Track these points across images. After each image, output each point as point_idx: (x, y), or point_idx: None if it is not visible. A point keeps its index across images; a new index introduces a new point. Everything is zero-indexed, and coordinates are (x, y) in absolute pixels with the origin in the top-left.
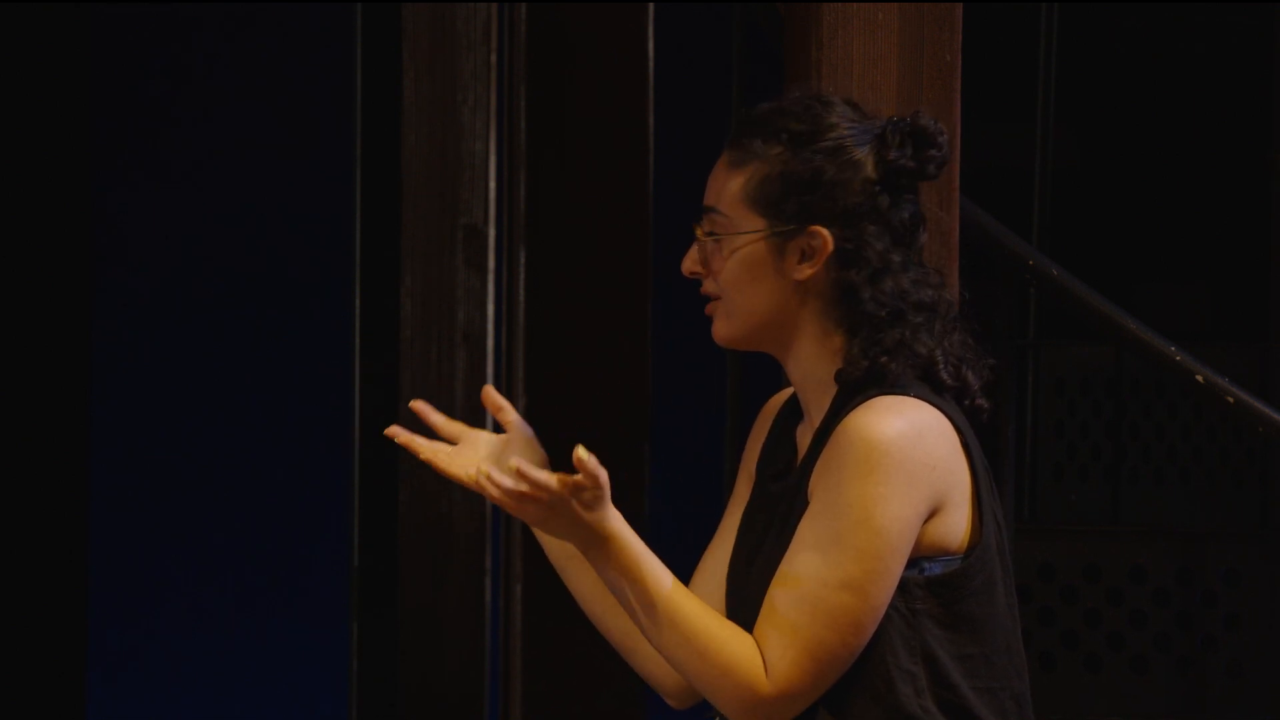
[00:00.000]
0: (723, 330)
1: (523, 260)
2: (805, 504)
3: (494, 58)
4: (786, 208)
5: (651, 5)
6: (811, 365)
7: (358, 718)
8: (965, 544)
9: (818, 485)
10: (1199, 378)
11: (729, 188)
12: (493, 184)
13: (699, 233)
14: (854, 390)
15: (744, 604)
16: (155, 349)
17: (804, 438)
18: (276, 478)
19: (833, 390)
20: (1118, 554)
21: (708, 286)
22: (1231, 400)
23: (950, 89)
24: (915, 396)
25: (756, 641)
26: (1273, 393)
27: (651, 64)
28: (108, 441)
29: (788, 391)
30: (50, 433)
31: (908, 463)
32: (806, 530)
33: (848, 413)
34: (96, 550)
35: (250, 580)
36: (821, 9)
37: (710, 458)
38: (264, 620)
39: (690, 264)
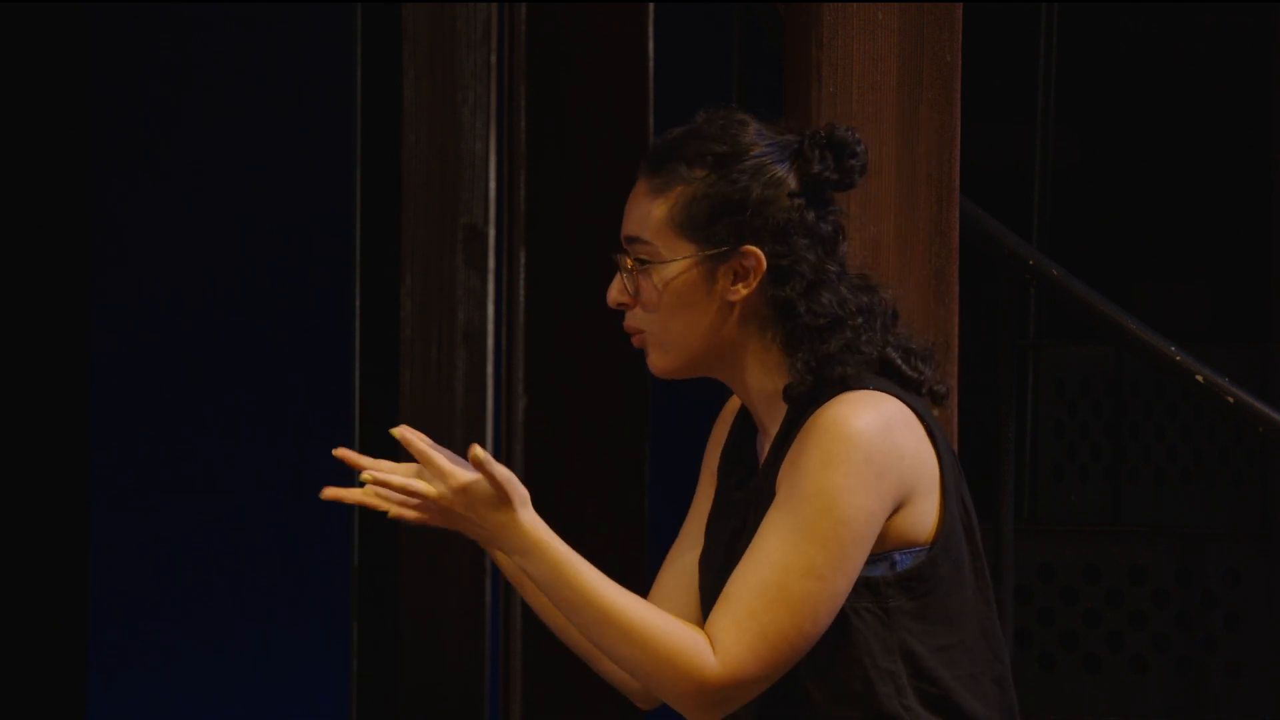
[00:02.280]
0: (660, 362)
1: (523, 260)
2: (769, 504)
3: (494, 58)
4: (716, 230)
5: (651, 5)
6: (755, 381)
7: (358, 718)
8: (933, 534)
9: (785, 476)
10: (1199, 378)
11: (653, 215)
12: (493, 184)
13: (626, 263)
14: (811, 396)
15: None
16: (155, 349)
17: (762, 448)
18: (276, 478)
19: (783, 404)
20: (1118, 554)
21: (632, 319)
22: (1231, 400)
23: (950, 89)
24: (875, 389)
25: (709, 627)
26: (1273, 393)
27: (651, 64)
28: (108, 441)
29: None
30: (50, 433)
31: (876, 454)
32: (771, 519)
33: (814, 410)
34: (96, 550)
35: (250, 580)
36: (821, 9)
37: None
38: (264, 620)
39: (617, 294)
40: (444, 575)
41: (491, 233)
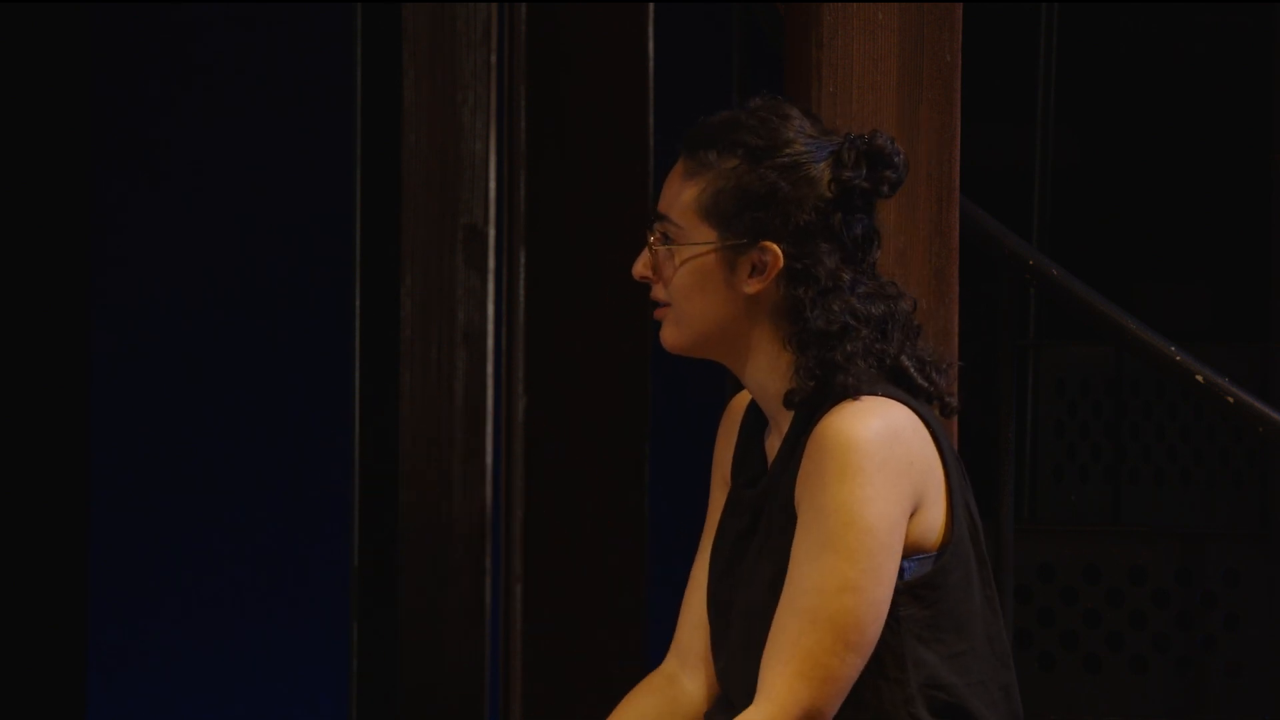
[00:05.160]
0: (670, 337)
1: (523, 260)
2: (782, 509)
3: (494, 58)
4: (739, 222)
5: (651, 5)
6: (766, 378)
7: (358, 718)
8: (940, 541)
9: (803, 496)
10: (1199, 378)
11: (682, 197)
12: (493, 184)
13: (651, 238)
14: (819, 397)
15: (724, 612)
16: (155, 349)
17: (772, 445)
18: (276, 478)
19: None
20: (1118, 554)
21: (657, 292)
22: (1231, 400)
23: (950, 89)
24: (883, 395)
25: (759, 674)
26: (1273, 393)
27: (651, 64)
28: (108, 441)
29: (749, 393)
30: (50, 433)
31: (889, 461)
32: (798, 545)
33: (820, 417)
34: (96, 550)
35: (250, 580)
36: (821, 9)
37: (710, 458)
38: (264, 620)
39: (641, 268)
40: (444, 575)
41: (491, 233)
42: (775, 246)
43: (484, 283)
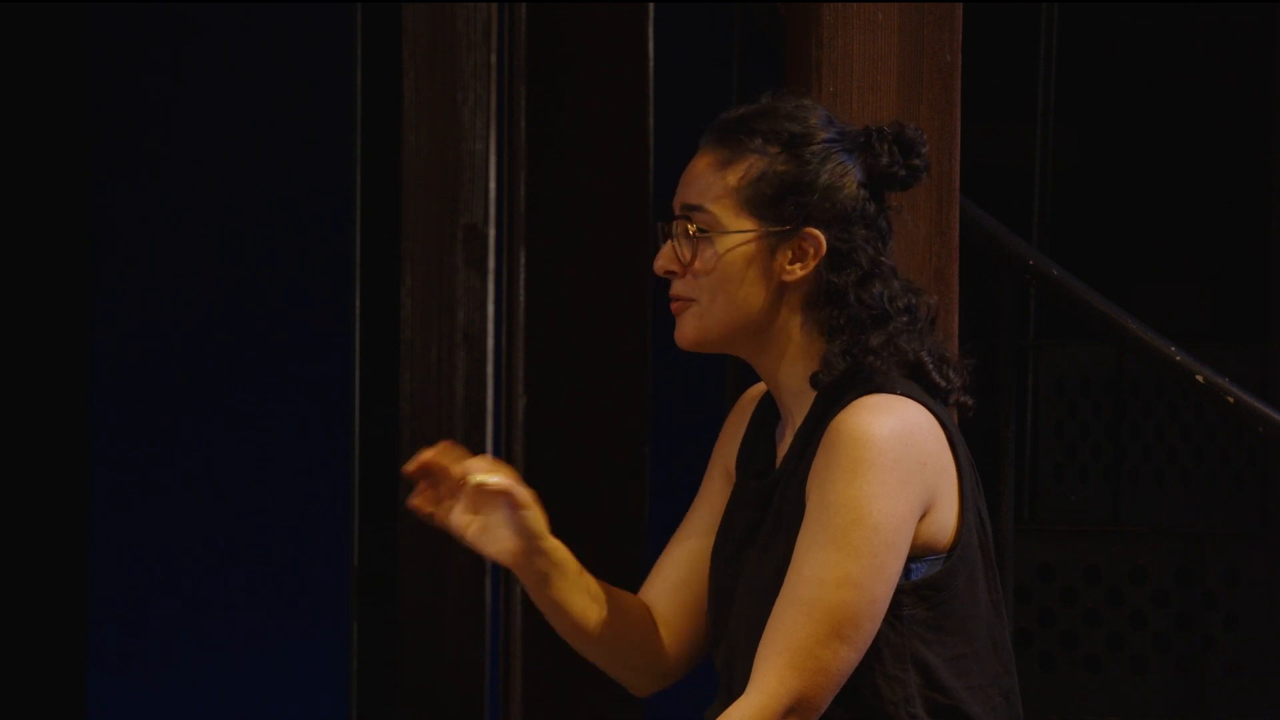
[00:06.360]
0: (694, 332)
1: (523, 260)
2: (794, 502)
3: (494, 58)
4: (782, 209)
5: (651, 5)
6: (789, 368)
7: (358, 718)
8: (950, 543)
9: (813, 489)
10: (1199, 378)
11: (717, 186)
12: (493, 184)
13: (686, 229)
14: (838, 391)
15: (726, 601)
16: (155, 349)
17: (783, 438)
18: (276, 478)
19: (811, 392)
20: (1118, 554)
21: (683, 287)
22: (1231, 400)
23: (950, 89)
24: (902, 394)
25: (756, 662)
26: (1273, 393)
27: (651, 64)
28: (108, 441)
29: (763, 386)
30: (50, 433)
31: (902, 460)
32: (803, 537)
33: (837, 411)
34: (96, 550)
35: (250, 580)
36: (821, 9)
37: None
38: (264, 620)
39: (666, 262)
40: (444, 575)
41: (491, 233)
42: (818, 232)
43: (484, 283)
